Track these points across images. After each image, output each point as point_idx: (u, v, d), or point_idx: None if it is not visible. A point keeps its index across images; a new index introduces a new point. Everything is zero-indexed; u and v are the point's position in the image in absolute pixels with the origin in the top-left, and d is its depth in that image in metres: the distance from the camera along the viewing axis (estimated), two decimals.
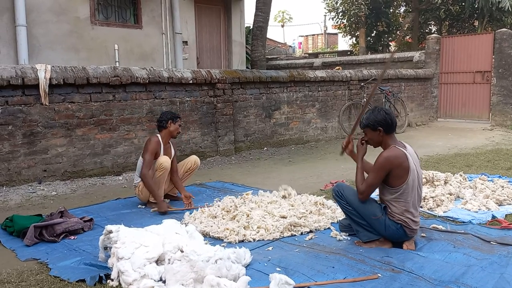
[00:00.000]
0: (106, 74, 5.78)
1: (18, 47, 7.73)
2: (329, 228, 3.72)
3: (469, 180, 5.05)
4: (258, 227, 3.63)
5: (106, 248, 3.03)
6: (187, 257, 2.67)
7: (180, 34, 10.13)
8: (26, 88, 5.22)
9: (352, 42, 20.71)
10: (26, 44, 7.77)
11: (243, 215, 3.86)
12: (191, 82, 6.68)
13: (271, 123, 7.97)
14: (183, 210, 4.26)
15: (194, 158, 4.89)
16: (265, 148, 7.79)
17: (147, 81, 6.17)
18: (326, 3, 19.56)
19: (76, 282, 2.78)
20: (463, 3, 15.71)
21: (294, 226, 3.65)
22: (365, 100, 9.24)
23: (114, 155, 5.96)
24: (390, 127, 3.23)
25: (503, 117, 10.35)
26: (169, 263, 2.77)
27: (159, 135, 4.56)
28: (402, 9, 19.78)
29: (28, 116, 5.27)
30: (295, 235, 3.58)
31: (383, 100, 9.85)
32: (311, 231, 3.65)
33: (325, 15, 33.06)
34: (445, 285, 2.67)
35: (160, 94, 6.39)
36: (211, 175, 5.99)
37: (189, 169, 4.83)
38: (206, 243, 3.20)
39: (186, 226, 3.33)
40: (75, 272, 2.91)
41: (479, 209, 4.15)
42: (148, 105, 6.27)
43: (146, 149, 4.40)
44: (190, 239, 3.03)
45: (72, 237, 3.61)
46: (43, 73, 5.25)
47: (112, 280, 2.77)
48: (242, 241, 3.46)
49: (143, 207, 4.50)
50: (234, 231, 3.56)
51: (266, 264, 3.00)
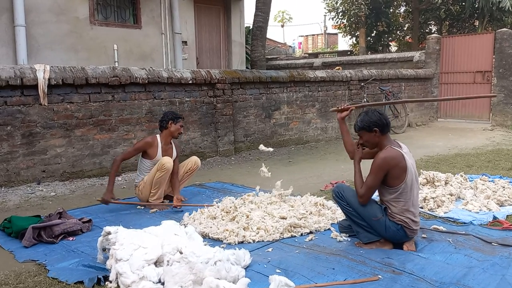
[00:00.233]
0: (105, 74, 5.76)
1: (17, 47, 7.71)
2: (329, 229, 3.70)
3: (469, 181, 5.03)
4: (257, 228, 3.60)
5: (104, 249, 3.02)
6: (186, 258, 2.66)
7: (180, 34, 10.11)
8: (25, 89, 5.20)
9: (352, 42, 20.72)
10: (25, 44, 7.76)
11: (242, 216, 3.84)
12: (190, 82, 6.66)
13: (271, 123, 7.95)
14: (131, 204, 4.50)
15: (194, 158, 4.87)
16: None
17: (146, 81, 6.15)
18: (326, 3, 19.57)
19: (74, 283, 2.77)
20: (464, 3, 15.71)
21: (294, 227, 3.64)
22: (365, 100, 9.22)
23: (113, 155, 5.93)
24: (385, 127, 3.25)
25: (503, 117, 10.33)
26: (168, 264, 2.75)
27: (159, 136, 4.55)
28: (402, 9, 19.78)
29: (27, 116, 5.25)
30: (295, 236, 3.56)
31: (383, 100, 9.83)
32: (311, 232, 3.63)
33: (325, 15, 33.11)
34: (446, 286, 2.65)
35: (159, 95, 6.38)
36: (211, 175, 5.98)
37: (189, 169, 4.81)
38: (205, 244, 3.19)
39: (185, 227, 3.32)
40: (73, 273, 2.90)
41: (480, 209, 4.13)
42: (147, 105, 6.25)
43: (135, 144, 4.62)
44: (189, 240, 3.01)
45: (70, 238, 3.59)
46: (42, 73, 5.23)
47: (110, 282, 2.75)
48: (242, 242, 3.45)
49: (142, 208, 4.48)
50: (234, 232, 3.54)
51: (265, 266, 2.98)
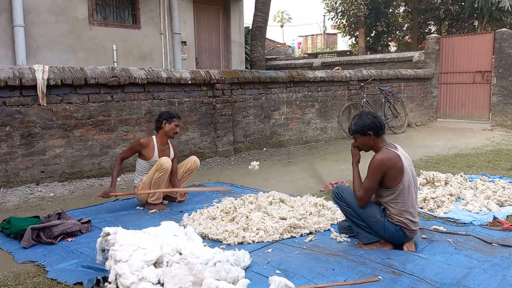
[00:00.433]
0: (104, 75, 5.74)
1: (15, 48, 7.70)
2: (329, 229, 3.69)
3: (469, 181, 5.02)
4: (257, 229, 3.59)
5: (103, 250, 3.01)
6: (185, 259, 2.64)
7: (179, 34, 10.10)
8: (23, 89, 5.18)
9: (352, 42, 20.72)
10: (24, 45, 7.74)
11: (242, 216, 3.83)
12: (190, 82, 6.64)
13: (271, 123, 7.94)
14: (130, 195, 4.65)
15: (193, 158, 4.86)
16: (264, 148, 7.76)
17: (145, 81, 6.13)
18: (326, 3, 19.58)
19: (74, 285, 2.75)
20: (463, 3, 15.71)
21: (293, 228, 3.62)
22: (365, 100, 9.21)
23: (112, 156, 5.92)
24: (380, 129, 3.24)
25: (503, 117, 10.32)
26: (167, 265, 2.74)
27: (155, 137, 4.53)
28: (402, 9, 19.79)
29: (25, 117, 5.23)
30: (294, 237, 3.55)
31: (383, 100, 9.83)
32: (311, 233, 3.62)
33: (324, 15, 33.18)
34: (446, 287, 2.65)
35: (158, 95, 6.36)
36: (210, 176, 5.96)
37: (188, 169, 4.79)
38: (204, 245, 3.18)
39: (184, 228, 3.31)
40: (72, 274, 2.89)
41: (480, 210, 4.12)
42: (146, 105, 6.23)
43: (129, 146, 4.61)
44: (189, 241, 3.00)
45: (69, 239, 3.58)
46: (41, 73, 5.22)
47: (109, 283, 2.74)
48: (241, 243, 3.43)
49: (141, 208, 4.47)
50: (233, 233, 3.53)
51: (265, 267, 2.97)
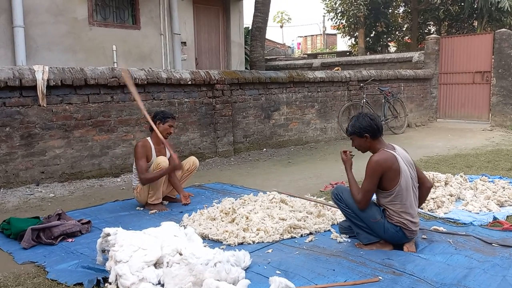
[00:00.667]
0: (104, 75, 5.74)
1: (15, 48, 7.70)
2: (329, 230, 3.69)
3: (469, 181, 5.02)
4: (257, 229, 3.59)
5: (104, 251, 3.01)
6: (185, 260, 2.64)
7: (179, 34, 10.10)
8: (23, 90, 5.18)
9: (351, 43, 20.71)
10: (24, 45, 7.75)
11: (242, 217, 3.82)
12: (189, 83, 6.65)
13: (270, 124, 7.94)
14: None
15: (192, 159, 4.85)
16: (264, 149, 7.76)
17: (145, 82, 6.13)
18: (325, 4, 19.57)
19: (74, 285, 2.76)
20: (462, 3, 15.72)
21: (294, 228, 3.62)
22: (364, 101, 9.22)
23: (112, 156, 5.92)
24: (376, 132, 3.24)
25: (502, 117, 10.33)
26: (167, 266, 2.74)
27: (149, 138, 4.52)
28: (401, 9, 19.78)
29: (25, 117, 5.23)
30: (295, 237, 3.55)
31: (383, 100, 9.84)
32: (311, 233, 3.62)
33: (324, 16, 33.17)
34: (447, 287, 2.65)
35: (158, 95, 6.36)
36: (210, 176, 5.96)
37: (187, 170, 4.78)
38: (205, 246, 3.17)
39: (184, 228, 3.31)
40: (72, 275, 2.89)
41: (480, 210, 4.12)
42: (146, 106, 6.21)
43: (135, 156, 4.37)
44: (189, 241, 3.00)
45: (69, 239, 3.58)
46: (41, 74, 5.21)
47: (110, 284, 2.74)
48: (242, 243, 3.43)
49: (142, 209, 4.47)
50: (233, 233, 3.53)
51: (266, 267, 2.97)
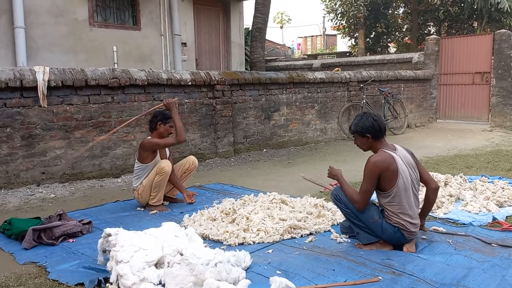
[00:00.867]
0: (105, 76, 5.76)
1: (16, 49, 7.71)
2: (329, 230, 3.70)
3: (469, 182, 5.03)
4: (258, 230, 3.60)
5: (105, 251, 3.02)
6: (186, 260, 2.65)
7: (179, 35, 10.11)
8: (24, 90, 5.20)
9: (351, 43, 20.72)
10: (24, 46, 7.76)
11: (242, 217, 3.84)
12: (190, 83, 6.66)
13: (271, 124, 7.95)
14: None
15: (192, 158, 4.85)
16: (264, 149, 7.78)
17: (146, 82, 6.15)
18: (325, 5, 19.58)
19: (75, 285, 2.77)
20: (462, 4, 15.73)
21: (294, 229, 3.64)
22: (364, 101, 9.23)
23: (112, 157, 5.94)
24: (379, 133, 3.24)
25: (502, 118, 10.34)
26: (168, 266, 2.75)
27: (150, 138, 4.53)
28: (401, 10, 19.79)
29: (26, 118, 5.24)
30: (295, 238, 3.56)
31: (382, 101, 9.85)
32: (311, 234, 3.63)
33: (324, 17, 33.22)
34: (446, 287, 2.66)
35: (159, 96, 6.37)
36: (210, 177, 5.97)
37: (187, 169, 4.79)
38: (205, 246, 3.19)
39: (185, 229, 3.31)
40: (73, 275, 2.90)
41: (480, 210, 4.13)
42: (146, 106, 6.24)
43: (152, 143, 4.36)
44: (190, 242, 3.01)
45: (70, 240, 3.59)
46: (42, 75, 5.23)
47: (111, 284, 2.75)
48: (242, 243, 3.45)
49: (142, 209, 4.48)
50: (234, 233, 3.54)
51: (266, 267, 2.98)
